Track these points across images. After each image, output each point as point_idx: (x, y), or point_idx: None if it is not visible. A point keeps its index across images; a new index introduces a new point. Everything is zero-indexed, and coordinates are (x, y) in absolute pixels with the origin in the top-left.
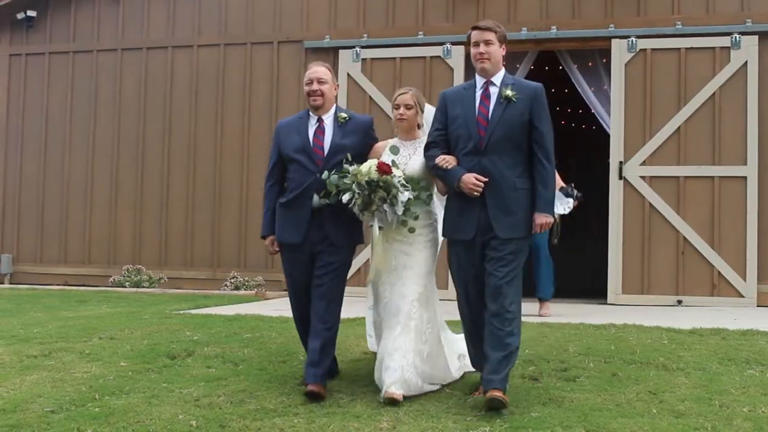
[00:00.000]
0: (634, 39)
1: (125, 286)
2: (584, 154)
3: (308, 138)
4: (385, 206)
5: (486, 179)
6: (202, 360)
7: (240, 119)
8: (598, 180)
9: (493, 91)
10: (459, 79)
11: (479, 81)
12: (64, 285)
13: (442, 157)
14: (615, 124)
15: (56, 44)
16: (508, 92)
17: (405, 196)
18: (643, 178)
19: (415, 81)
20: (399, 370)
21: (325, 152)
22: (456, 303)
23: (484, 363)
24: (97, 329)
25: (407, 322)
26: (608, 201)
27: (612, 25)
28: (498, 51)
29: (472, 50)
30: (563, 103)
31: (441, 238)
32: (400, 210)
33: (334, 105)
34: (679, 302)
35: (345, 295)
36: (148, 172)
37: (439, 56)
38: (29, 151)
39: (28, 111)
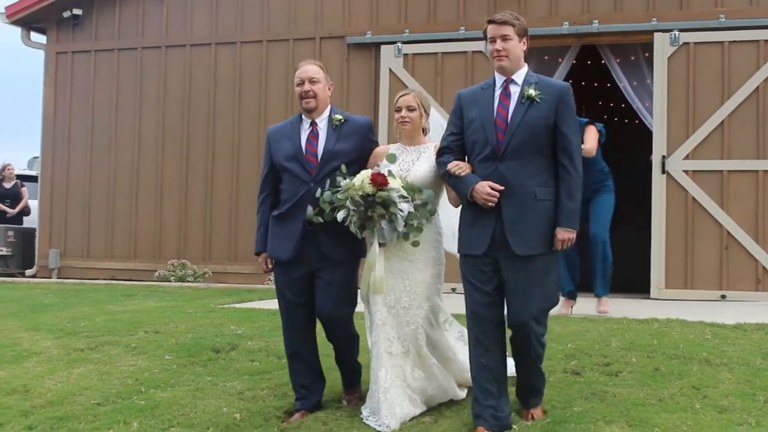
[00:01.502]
0: (676, 33)
1: (170, 281)
2: (626, 148)
3: (300, 144)
4: (384, 223)
5: (501, 188)
6: (245, 354)
7: (283, 115)
8: (641, 174)
9: (514, 91)
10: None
11: (499, 79)
12: (111, 279)
13: (455, 163)
14: (658, 118)
15: (102, 42)
16: (531, 92)
17: (405, 208)
18: (686, 172)
19: (457, 76)
20: (427, 399)
21: (318, 159)
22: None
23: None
24: (143, 323)
25: (417, 351)
26: (650, 195)
27: (654, 19)
28: (517, 46)
29: (489, 47)
30: (606, 98)
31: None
32: (401, 226)
33: (329, 106)
34: (723, 297)
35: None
36: (192, 168)
37: (481, 51)
38: (76, 147)
39: (75, 108)
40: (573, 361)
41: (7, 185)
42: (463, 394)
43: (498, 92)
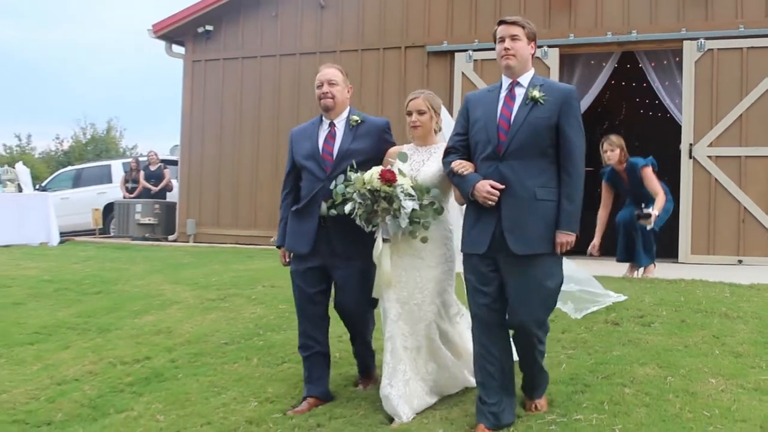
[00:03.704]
0: (702, 40)
1: None
2: (658, 138)
3: (317, 144)
4: (388, 218)
5: (502, 187)
6: None
7: (374, 112)
8: (670, 160)
9: (519, 93)
10: (554, 77)
11: (505, 81)
12: (236, 244)
13: (458, 162)
14: (686, 112)
15: (228, 51)
16: (535, 93)
17: (409, 206)
18: (709, 157)
19: None
20: (439, 389)
21: (334, 158)
22: None
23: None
24: (262, 279)
25: (430, 345)
26: (679, 177)
27: (684, 29)
28: (525, 48)
29: (497, 47)
30: (641, 95)
31: (456, 254)
32: (404, 222)
33: (348, 108)
34: (740, 262)
35: None
36: None
37: (538, 57)
38: (208, 138)
39: (207, 106)
40: (612, 314)
41: (153, 168)
42: (474, 380)
43: (503, 94)
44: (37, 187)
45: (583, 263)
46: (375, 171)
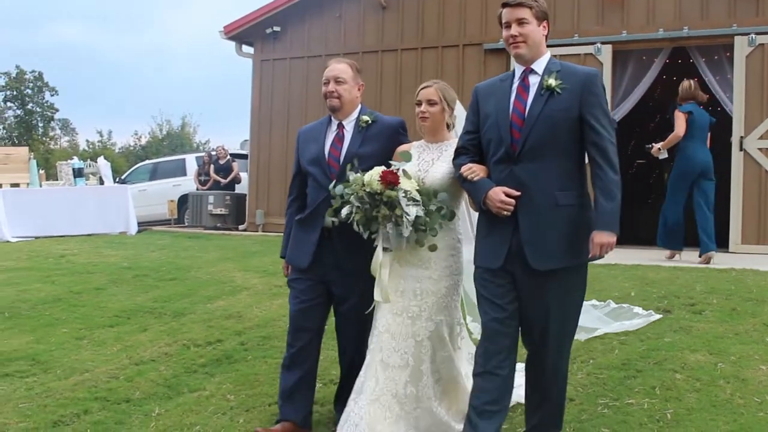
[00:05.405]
0: (753, 35)
1: None
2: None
3: (323, 148)
4: (389, 226)
5: (518, 194)
6: None
7: None
8: (722, 152)
9: (534, 81)
10: (607, 73)
11: (518, 70)
12: None
13: (468, 166)
14: (737, 106)
15: (294, 51)
16: (551, 81)
17: (412, 212)
18: (760, 149)
19: None
20: (413, 420)
21: (340, 163)
22: None
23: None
24: None
25: (418, 365)
26: (730, 169)
27: (735, 25)
28: (536, 31)
29: (504, 33)
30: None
31: (464, 266)
32: (407, 232)
33: (359, 107)
34: None
35: None
36: None
37: (591, 53)
38: (275, 133)
39: (275, 102)
40: (664, 302)
41: (221, 162)
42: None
43: (516, 84)
44: (117, 180)
45: (631, 251)
46: (376, 172)
